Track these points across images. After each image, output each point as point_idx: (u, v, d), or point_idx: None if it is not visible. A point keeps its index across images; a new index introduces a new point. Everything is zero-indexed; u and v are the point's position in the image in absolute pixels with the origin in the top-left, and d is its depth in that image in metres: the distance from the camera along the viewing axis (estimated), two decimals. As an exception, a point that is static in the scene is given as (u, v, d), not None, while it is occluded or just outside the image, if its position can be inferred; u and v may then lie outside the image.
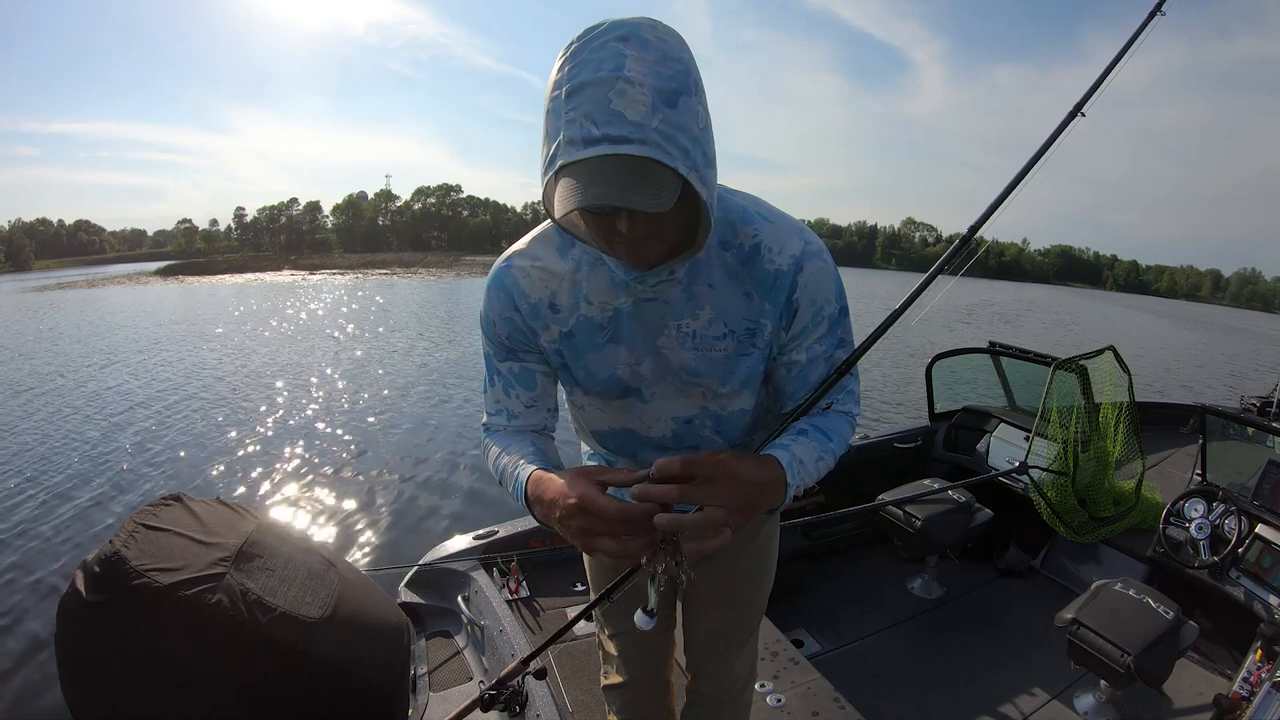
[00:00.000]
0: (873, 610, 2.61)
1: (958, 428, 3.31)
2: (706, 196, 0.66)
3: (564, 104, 0.61)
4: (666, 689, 1.28)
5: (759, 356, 0.85)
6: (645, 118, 0.59)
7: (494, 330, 0.89)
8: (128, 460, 5.71)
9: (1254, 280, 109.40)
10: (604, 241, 0.72)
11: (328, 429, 6.69)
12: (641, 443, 0.96)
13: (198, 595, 0.85)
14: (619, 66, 0.59)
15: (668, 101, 0.61)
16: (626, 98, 0.59)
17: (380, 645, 1.10)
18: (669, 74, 0.61)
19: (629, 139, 0.59)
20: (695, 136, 0.64)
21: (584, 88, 0.60)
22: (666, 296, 0.81)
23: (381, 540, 4.29)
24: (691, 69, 0.64)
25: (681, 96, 0.62)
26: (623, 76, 0.59)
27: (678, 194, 0.62)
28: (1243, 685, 1.85)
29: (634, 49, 0.60)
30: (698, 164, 0.64)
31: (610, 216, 0.65)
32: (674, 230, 0.70)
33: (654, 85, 0.60)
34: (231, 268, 49.48)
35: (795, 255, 0.79)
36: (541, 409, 0.94)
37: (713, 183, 0.68)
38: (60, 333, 14.49)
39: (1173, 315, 44.89)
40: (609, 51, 0.60)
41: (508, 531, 2.25)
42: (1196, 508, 2.41)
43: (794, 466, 0.77)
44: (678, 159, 0.61)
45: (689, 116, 0.63)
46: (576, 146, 0.60)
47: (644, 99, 0.60)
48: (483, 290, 0.89)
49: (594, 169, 0.60)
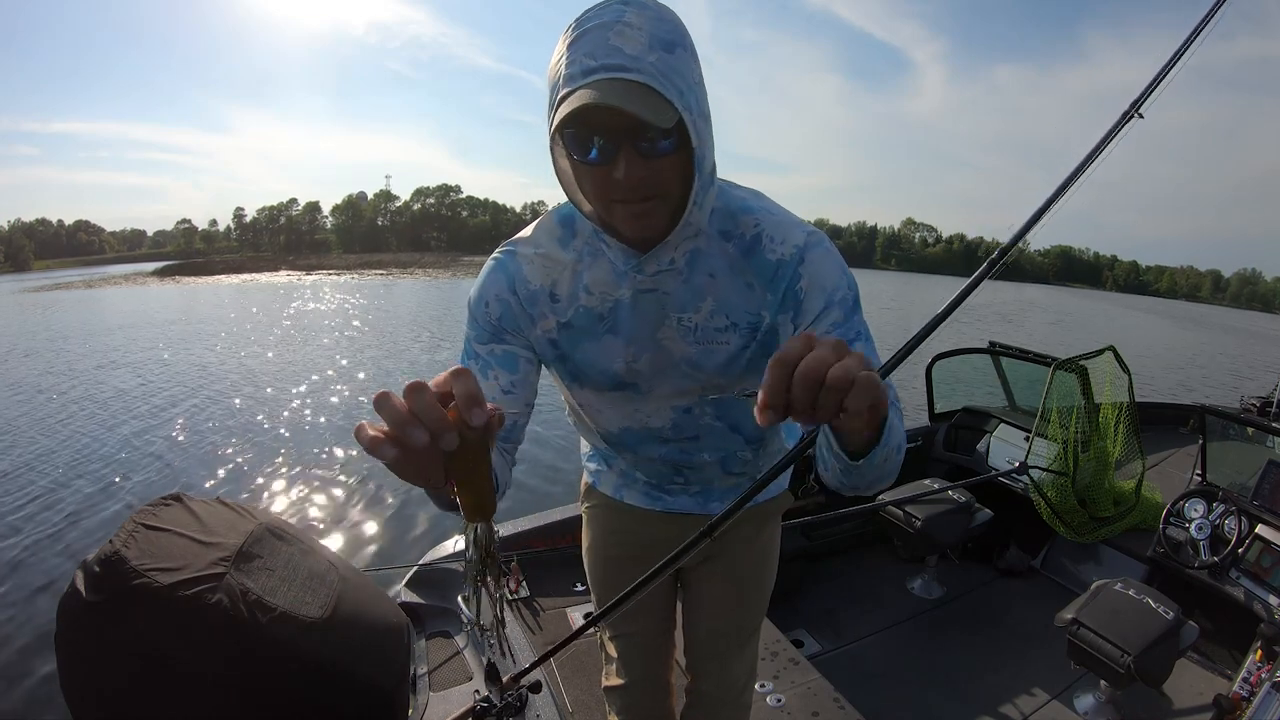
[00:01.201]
0: (873, 610, 2.61)
1: (958, 428, 3.31)
2: (698, 146, 0.67)
3: (566, 54, 0.64)
4: (667, 690, 1.28)
5: (759, 349, 0.83)
6: (642, 53, 0.62)
7: (485, 311, 0.85)
8: (127, 460, 5.71)
9: (1254, 280, 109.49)
10: (603, 206, 0.71)
11: (328, 429, 6.68)
12: (640, 434, 0.95)
13: (198, 595, 0.85)
14: (619, 16, 0.63)
15: (665, 47, 0.63)
16: (624, 37, 0.62)
17: (380, 645, 1.09)
18: (666, 29, 0.64)
19: (626, 68, 0.61)
20: (691, 84, 0.65)
21: (584, 35, 0.63)
22: (666, 287, 0.80)
23: (381, 540, 4.29)
24: (688, 36, 0.67)
25: (678, 48, 0.65)
26: (622, 20, 0.63)
27: (675, 120, 0.63)
28: (1243, 685, 1.85)
29: (634, 7, 0.64)
30: (692, 108, 0.65)
31: (607, 166, 0.65)
32: (672, 187, 0.69)
33: (651, 32, 0.63)
34: (229, 268, 49.66)
35: (798, 245, 0.78)
36: (519, 399, 0.85)
37: (707, 137, 0.69)
38: (55, 333, 14.48)
39: (1173, 316, 44.93)
40: (610, 9, 0.64)
41: (508, 531, 2.25)
42: (1196, 508, 2.41)
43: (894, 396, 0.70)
44: (673, 94, 0.62)
45: (684, 65, 0.65)
46: (575, 80, 0.62)
47: (642, 39, 0.62)
48: (479, 276, 0.86)
49: (592, 89, 0.61)
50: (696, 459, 0.98)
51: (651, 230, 0.72)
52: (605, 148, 0.64)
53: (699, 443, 0.95)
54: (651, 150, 0.64)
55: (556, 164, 0.72)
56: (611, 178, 0.66)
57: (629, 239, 0.76)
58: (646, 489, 1.09)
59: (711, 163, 0.72)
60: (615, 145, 0.64)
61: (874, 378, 0.44)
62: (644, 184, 0.66)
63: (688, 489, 1.06)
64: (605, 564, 1.19)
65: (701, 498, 1.08)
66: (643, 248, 0.76)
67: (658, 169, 0.66)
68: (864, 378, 0.44)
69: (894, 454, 0.64)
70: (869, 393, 0.44)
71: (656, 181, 0.67)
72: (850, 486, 0.67)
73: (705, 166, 0.69)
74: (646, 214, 0.70)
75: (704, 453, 0.97)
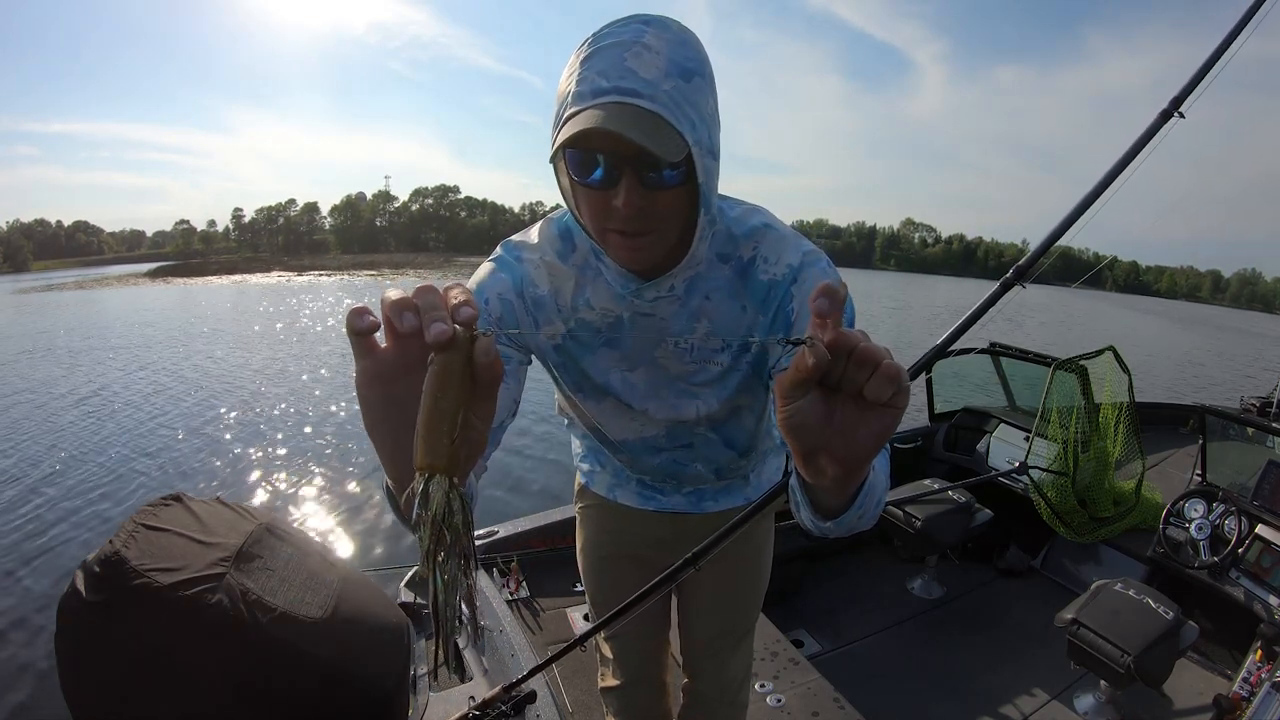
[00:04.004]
0: (873, 610, 2.61)
1: (958, 428, 3.31)
2: (704, 183, 0.64)
3: (578, 70, 0.60)
4: (663, 690, 1.28)
5: (750, 369, 0.82)
6: (658, 79, 0.58)
7: (484, 308, 0.80)
8: (127, 460, 5.70)
9: (1254, 281, 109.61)
10: (598, 233, 0.68)
11: (328, 429, 6.68)
12: (636, 444, 0.96)
13: (198, 595, 0.85)
14: (638, 36, 0.59)
15: (683, 75, 0.60)
16: (641, 60, 0.58)
17: (380, 645, 1.09)
18: (686, 54, 0.61)
19: (639, 93, 0.58)
20: (705, 117, 0.62)
21: (599, 52, 0.60)
22: (664, 313, 0.78)
23: (381, 540, 4.29)
24: (708, 64, 0.64)
25: (696, 77, 0.61)
26: (640, 41, 0.59)
27: (684, 154, 0.60)
28: (1243, 685, 1.85)
29: (655, 28, 0.60)
30: (702, 143, 0.62)
31: (607, 193, 0.62)
32: (671, 223, 0.66)
33: (670, 56, 0.59)
34: (221, 269, 50.04)
35: (792, 265, 0.75)
36: (505, 399, 0.78)
37: (714, 174, 0.66)
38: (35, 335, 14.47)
39: (1173, 316, 44.90)
40: (630, 28, 0.60)
41: (508, 531, 2.25)
42: (1196, 508, 2.41)
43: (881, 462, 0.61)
44: (684, 127, 0.59)
45: (700, 96, 0.61)
46: (584, 99, 0.59)
47: (659, 64, 0.59)
48: (478, 272, 0.82)
49: (600, 110, 0.58)
50: (690, 469, 0.99)
51: (643, 264, 0.70)
52: (607, 173, 0.61)
53: (692, 451, 0.96)
54: (655, 182, 0.61)
55: (559, 181, 0.70)
56: (610, 204, 0.62)
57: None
58: (640, 489, 1.09)
59: (716, 199, 0.70)
60: (617, 171, 0.61)
61: (902, 371, 0.39)
62: (642, 215, 0.63)
63: (681, 488, 1.07)
64: (600, 564, 1.20)
65: (695, 497, 1.08)
66: (641, 274, 0.74)
67: (658, 201, 0.63)
68: (891, 364, 0.38)
69: (872, 509, 0.57)
70: (891, 381, 0.38)
71: (655, 214, 0.64)
72: (825, 535, 0.61)
73: (710, 205, 0.67)
74: (640, 249, 0.66)
75: (697, 462, 0.98)
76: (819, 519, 0.56)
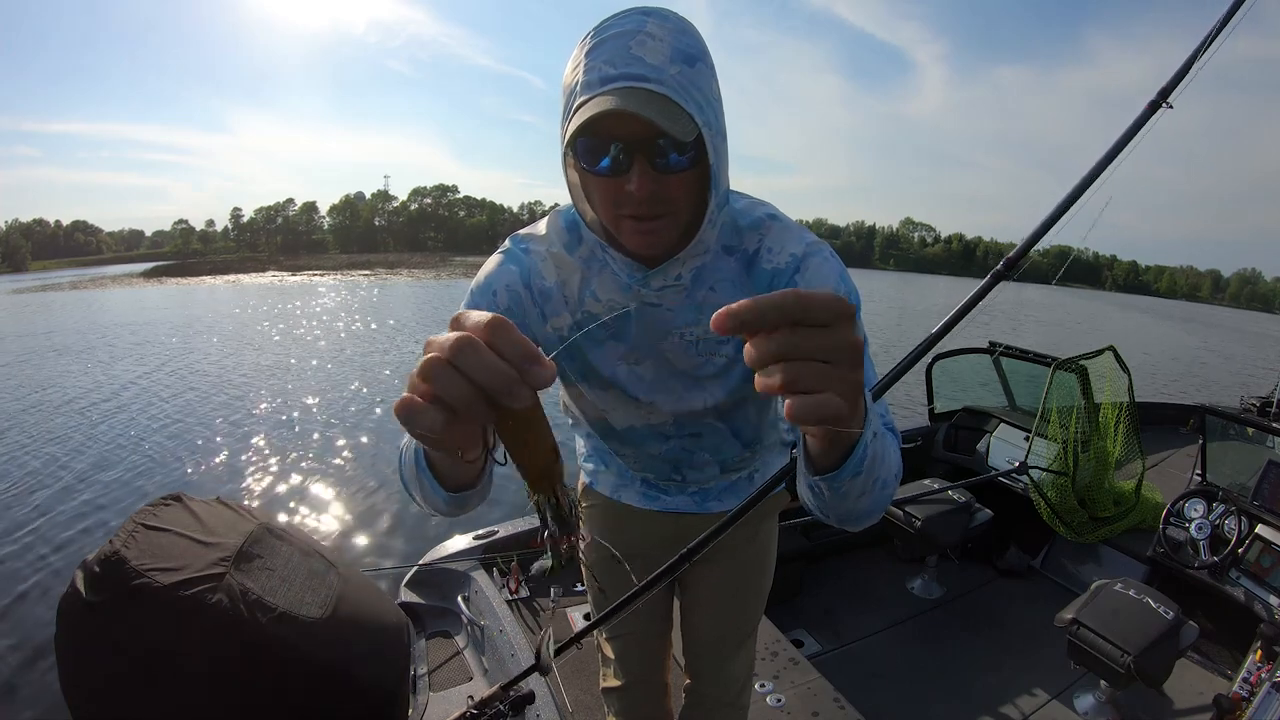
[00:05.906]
0: (873, 610, 2.61)
1: (958, 428, 3.31)
2: (715, 164, 0.65)
3: (584, 61, 0.62)
4: (664, 691, 1.28)
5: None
6: (664, 64, 0.61)
7: (492, 300, 0.80)
8: (127, 460, 5.70)
9: (1254, 280, 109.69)
10: (611, 220, 0.68)
11: (328, 429, 6.68)
12: (643, 431, 0.95)
13: (198, 595, 0.85)
14: (640, 26, 0.62)
15: (686, 61, 0.62)
16: (646, 47, 0.61)
17: (380, 645, 1.09)
18: (688, 42, 0.63)
19: (647, 78, 0.60)
20: (710, 100, 0.64)
21: (604, 42, 0.62)
22: (670, 303, 0.79)
23: (381, 540, 4.29)
24: (709, 52, 0.66)
25: (699, 63, 0.63)
26: (643, 30, 0.61)
27: (695, 134, 0.61)
28: (1243, 685, 1.85)
29: (656, 19, 0.63)
30: (711, 124, 0.63)
31: (619, 179, 0.64)
32: (683, 206, 0.68)
33: (673, 44, 0.62)
34: (215, 269, 50.29)
35: (795, 254, 0.76)
36: None
37: (723, 155, 0.68)
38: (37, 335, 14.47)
39: (1173, 316, 44.93)
40: (632, 18, 0.62)
41: (508, 531, 2.25)
42: (1196, 508, 2.41)
43: (873, 415, 0.53)
44: (693, 108, 0.61)
45: (705, 80, 0.64)
46: (593, 87, 0.61)
47: (663, 51, 0.61)
48: (485, 265, 0.83)
49: (612, 95, 0.60)
50: (697, 457, 0.99)
51: (657, 249, 0.71)
52: (619, 158, 0.63)
53: (700, 440, 0.95)
54: (666, 165, 0.63)
55: (567, 176, 0.71)
56: (623, 190, 0.64)
57: (634, 254, 0.75)
58: (644, 489, 1.09)
59: (726, 182, 0.71)
60: (629, 156, 0.62)
61: (813, 296, 0.38)
62: (655, 198, 0.64)
63: (685, 488, 1.06)
64: (603, 564, 1.19)
65: (699, 497, 1.08)
66: (649, 263, 0.75)
67: (670, 185, 0.64)
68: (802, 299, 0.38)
69: (873, 487, 0.54)
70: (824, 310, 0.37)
71: (667, 198, 0.65)
72: (824, 512, 0.59)
73: (720, 186, 0.68)
74: (654, 232, 0.68)
75: (704, 451, 0.97)
76: (815, 477, 0.52)
